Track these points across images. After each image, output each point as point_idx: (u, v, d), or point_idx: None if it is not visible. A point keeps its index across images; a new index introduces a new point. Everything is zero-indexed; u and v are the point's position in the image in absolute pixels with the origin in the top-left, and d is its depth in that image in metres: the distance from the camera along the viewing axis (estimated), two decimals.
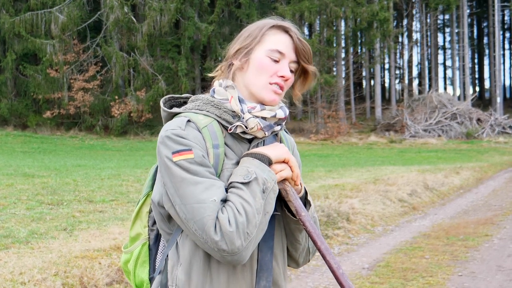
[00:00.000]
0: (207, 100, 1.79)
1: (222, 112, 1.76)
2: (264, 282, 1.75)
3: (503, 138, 32.25)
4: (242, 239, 1.59)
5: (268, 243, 1.77)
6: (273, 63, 1.76)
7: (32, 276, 4.73)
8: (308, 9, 30.92)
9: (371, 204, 10.28)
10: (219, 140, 1.72)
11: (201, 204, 1.61)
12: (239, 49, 1.80)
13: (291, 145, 1.96)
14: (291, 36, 1.78)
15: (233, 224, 1.59)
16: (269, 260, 1.77)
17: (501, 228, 9.09)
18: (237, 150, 1.77)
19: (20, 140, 25.42)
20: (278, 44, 1.77)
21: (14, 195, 9.10)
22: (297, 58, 1.78)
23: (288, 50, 1.77)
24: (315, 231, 1.73)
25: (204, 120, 1.73)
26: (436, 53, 50.63)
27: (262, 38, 1.78)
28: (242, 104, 1.76)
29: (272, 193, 1.67)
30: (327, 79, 31.93)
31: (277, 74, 1.76)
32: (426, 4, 41.99)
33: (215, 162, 1.70)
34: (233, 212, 1.60)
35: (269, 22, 1.81)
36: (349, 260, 7.18)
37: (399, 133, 34.14)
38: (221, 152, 1.72)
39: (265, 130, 1.76)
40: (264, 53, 1.76)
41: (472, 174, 16.54)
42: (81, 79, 28.91)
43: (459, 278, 6.23)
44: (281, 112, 1.79)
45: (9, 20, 28.03)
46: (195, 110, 1.77)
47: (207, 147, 1.70)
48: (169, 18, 28.64)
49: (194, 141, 1.68)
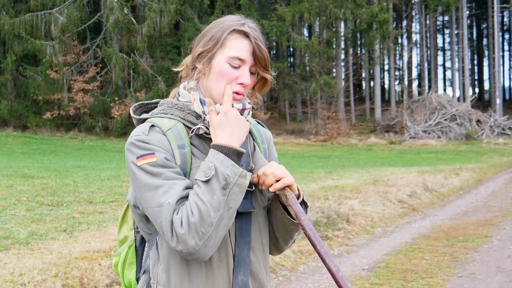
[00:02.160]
0: (172, 104, 1.84)
1: (186, 114, 1.81)
2: (242, 276, 1.78)
3: (502, 139, 32.26)
4: (196, 239, 1.62)
5: (245, 238, 1.80)
6: (233, 69, 1.78)
7: (32, 277, 4.73)
8: (308, 10, 30.94)
9: (371, 205, 10.28)
10: (185, 140, 1.77)
11: (159, 207, 1.65)
12: (202, 53, 1.82)
13: (266, 138, 2.00)
14: (251, 42, 1.79)
15: (184, 225, 1.62)
16: (246, 255, 1.79)
17: (500, 229, 9.09)
18: (205, 150, 1.80)
19: (20, 141, 25.42)
20: (238, 51, 1.78)
21: (14, 196, 9.10)
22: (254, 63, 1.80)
23: (248, 56, 1.79)
24: (315, 234, 1.74)
25: (168, 123, 1.78)
26: (435, 55, 50.64)
27: (224, 43, 1.79)
28: (204, 106, 1.80)
29: (236, 188, 1.67)
30: (327, 81, 31.95)
31: (237, 81, 1.78)
32: (426, 5, 42.01)
33: (182, 162, 1.74)
34: (186, 213, 1.63)
35: (230, 25, 1.82)
36: (349, 261, 7.18)
37: (399, 134, 34.15)
38: (187, 151, 1.76)
39: None
40: (224, 60, 1.78)
41: (472, 175, 16.54)
42: (81, 80, 28.90)
43: (458, 279, 6.23)
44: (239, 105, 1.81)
45: (9, 21, 28.04)
46: (161, 114, 1.82)
47: (172, 148, 1.74)
48: (169, 20, 28.65)
49: (157, 144, 1.72)
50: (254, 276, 1.83)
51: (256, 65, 1.80)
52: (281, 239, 1.94)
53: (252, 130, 1.96)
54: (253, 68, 1.81)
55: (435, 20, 47.44)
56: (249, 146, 1.90)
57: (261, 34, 1.85)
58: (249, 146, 1.90)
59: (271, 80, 1.86)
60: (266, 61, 1.80)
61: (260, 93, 1.92)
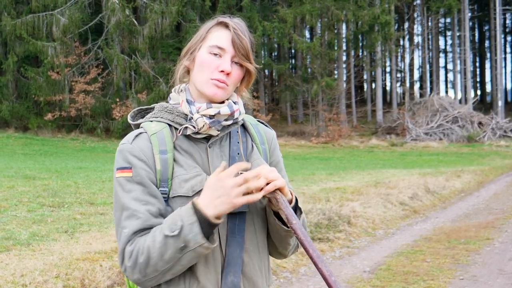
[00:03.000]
0: (162, 107, 1.85)
1: (175, 116, 1.81)
2: (232, 277, 1.75)
3: (504, 142, 32.23)
4: (139, 275, 1.69)
5: (237, 239, 1.77)
6: (214, 58, 1.78)
7: (33, 278, 4.73)
8: (310, 12, 30.95)
9: (372, 207, 10.27)
10: (167, 145, 1.76)
11: (121, 229, 1.72)
12: (188, 50, 1.85)
13: (267, 139, 1.97)
14: (230, 31, 1.80)
15: (132, 260, 1.67)
16: (238, 256, 1.76)
17: (502, 232, 9.08)
18: (195, 151, 1.80)
19: (21, 142, 25.44)
20: (218, 40, 1.79)
21: (15, 197, 9.10)
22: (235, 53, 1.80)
23: (228, 45, 1.79)
24: (306, 238, 1.71)
25: (155, 127, 1.79)
26: (437, 57, 50.61)
27: (206, 36, 1.82)
28: (191, 106, 1.80)
29: (192, 253, 1.65)
30: (328, 82, 31.94)
31: (218, 69, 1.78)
32: (428, 7, 42.03)
33: (162, 167, 1.74)
34: (137, 251, 1.67)
35: (214, 21, 1.85)
36: (350, 263, 7.17)
37: (400, 136, 34.13)
38: (169, 157, 1.75)
39: (214, 126, 1.78)
40: (206, 50, 1.80)
41: (474, 177, 16.52)
42: (82, 82, 28.91)
43: (460, 282, 6.22)
44: (226, 109, 1.80)
45: (10, 22, 28.06)
46: (152, 118, 1.84)
47: (153, 153, 1.75)
48: (171, 21, 28.66)
49: (138, 155, 1.74)
50: (247, 277, 1.79)
51: (237, 54, 1.79)
52: (278, 245, 1.91)
53: (250, 130, 1.94)
54: (237, 59, 1.80)
55: (437, 22, 47.43)
56: (247, 145, 1.89)
57: (247, 29, 1.84)
58: (247, 145, 1.89)
59: (254, 71, 1.84)
60: (247, 51, 1.79)
61: (246, 87, 1.90)
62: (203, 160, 1.80)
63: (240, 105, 1.87)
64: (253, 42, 1.85)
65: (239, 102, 1.87)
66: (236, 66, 1.80)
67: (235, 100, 1.86)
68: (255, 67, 1.85)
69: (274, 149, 1.98)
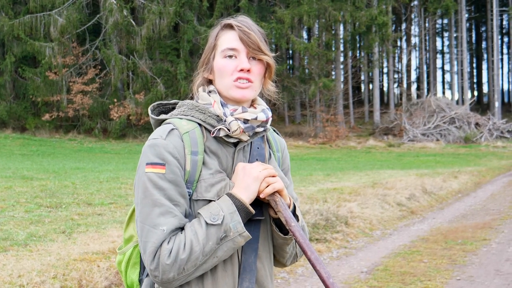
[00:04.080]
0: (192, 106, 1.83)
1: (207, 117, 1.79)
2: (247, 283, 1.77)
3: (501, 143, 32.29)
4: (176, 273, 1.65)
5: (253, 245, 1.80)
6: (231, 61, 1.79)
7: (31, 278, 4.73)
8: (307, 13, 30.96)
9: (370, 208, 10.28)
10: (199, 147, 1.75)
11: (152, 228, 1.66)
12: (203, 61, 1.86)
13: (281, 147, 2.00)
14: (235, 30, 1.81)
15: (172, 257, 1.64)
16: (252, 262, 1.79)
17: (499, 232, 9.10)
18: (222, 154, 1.80)
19: (18, 143, 25.40)
20: (228, 42, 1.80)
21: (12, 197, 9.09)
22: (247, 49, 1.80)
23: (238, 44, 1.80)
24: (305, 241, 1.74)
25: (187, 126, 1.77)
26: (434, 58, 50.65)
27: (216, 43, 1.83)
28: (225, 108, 1.79)
29: (230, 243, 1.69)
30: (326, 83, 31.96)
31: (237, 70, 1.78)
32: (425, 8, 42.08)
33: (192, 168, 1.73)
34: (178, 247, 1.65)
35: (219, 26, 1.87)
36: (348, 264, 7.19)
37: (398, 137, 34.17)
38: (199, 159, 1.74)
39: (247, 132, 1.78)
40: (220, 56, 1.81)
41: (471, 178, 16.55)
42: (80, 82, 28.88)
43: (457, 282, 6.24)
44: (263, 115, 1.81)
45: (8, 22, 28.01)
46: (180, 116, 1.81)
47: (185, 154, 1.73)
48: (168, 22, 28.64)
49: (172, 151, 1.71)
50: (259, 284, 1.83)
51: (249, 50, 1.79)
52: (275, 253, 1.94)
53: (269, 137, 1.96)
54: (252, 55, 1.81)
55: (434, 23, 47.49)
56: (265, 152, 1.90)
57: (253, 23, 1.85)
58: (265, 152, 1.90)
59: (271, 61, 1.86)
60: (257, 44, 1.79)
61: (270, 79, 1.92)
62: (228, 163, 1.81)
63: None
64: (262, 33, 1.86)
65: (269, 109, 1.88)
66: (254, 61, 1.82)
67: (264, 105, 1.87)
68: (271, 57, 1.85)
69: (285, 157, 2.01)
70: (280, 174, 1.89)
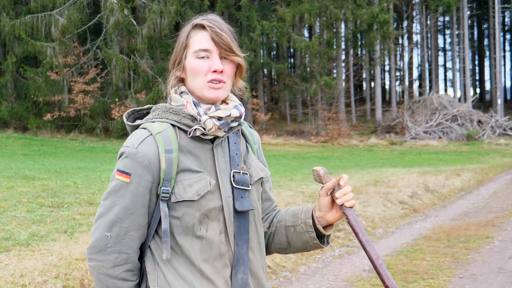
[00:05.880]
0: (166, 108, 1.85)
1: (182, 118, 1.81)
2: (241, 274, 1.80)
3: (504, 140, 32.23)
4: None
5: (244, 236, 1.83)
6: (203, 61, 1.81)
7: (33, 278, 4.72)
8: (308, 11, 30.92)
9: (372, 206, 10.27)
10: (173, 145, 1.77)
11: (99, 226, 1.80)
12: (175, 61, 1.87)
13: (256, 141, 2.03)
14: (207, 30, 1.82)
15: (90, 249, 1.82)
16: (245, 253, 1.82)
17: (502, 230, 9.08)
18: (200, 152, 1.82)
19: (20, 143, 25.41)
20: (200, 43, 1.81)
21: (14, 197, 9.09)
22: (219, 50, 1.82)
23: (211, 44, 1.81)
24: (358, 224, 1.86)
25: (159, 127, 1.79)
26: (436, 55, 50.61)
27: (187, 43, 1.85)
28: (198, 107, 1.81)
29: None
30: (327, 81, 31.93)
31: (210, 70, 1.80)
32: (426, 6, 42.00)
33: (167, 166, 1.75)
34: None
35: (190, 25, 1.87)
36: (350, 262, 7.17)
37: (400, 135, 34.12)
38: (174, 157, 1.76)
39: (222, 128, 1.81)
40: (192, 57, 1.82)
41: (473, 176, 16.52)
42: (81, 82, 28.88)
43: (460, 280, 6.22)
44: (236, 111, 1.83)
45: (9, 23, 28.02)
46: (154, 119, 1.84)
47: (159, 152, 1.75)
48: (169, 21, 28.64)
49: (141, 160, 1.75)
50: (253, 274, 1.85)
51: (221, 51, 1.81)
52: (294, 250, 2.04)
53: (244, 131, 1.99)
54: (224, 55, 1.82)
55: (436, 21, 47.42)
56: (242, 147, 1.93)
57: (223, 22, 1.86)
58: (242, 147, 1.93)
59: (242, 62, 1.86)
60: (229, 45, 1.81)
61: (241, 77, 1.92)
62: (208, 160, 1.82)
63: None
64: (232, 32, 1.87)
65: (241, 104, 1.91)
66: (226, 61, 1.83)
67: (236, 101, 1.89)
68: (242, 57, 1.86)
69: (259, 148, 2.05)
70: (259, 165, 1.95)
